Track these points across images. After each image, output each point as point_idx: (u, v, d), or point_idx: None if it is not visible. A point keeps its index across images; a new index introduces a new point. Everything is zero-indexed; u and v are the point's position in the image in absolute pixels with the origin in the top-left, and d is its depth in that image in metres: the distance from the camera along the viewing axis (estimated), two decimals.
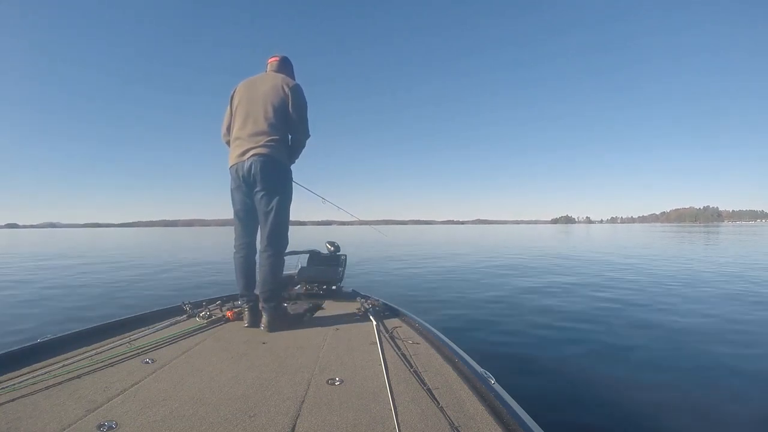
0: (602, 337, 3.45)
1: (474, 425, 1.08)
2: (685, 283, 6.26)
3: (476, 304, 4.84)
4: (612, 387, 2.47)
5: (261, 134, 2.10)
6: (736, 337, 3.41)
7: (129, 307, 4.58)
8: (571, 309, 4.54)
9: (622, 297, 5.21)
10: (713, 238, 21.93)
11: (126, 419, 1.12)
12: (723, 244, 17.09)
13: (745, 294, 5.36)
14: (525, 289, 5.87)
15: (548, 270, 8.22)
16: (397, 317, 2.26)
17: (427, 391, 1.28)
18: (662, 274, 7.42)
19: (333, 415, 1.14)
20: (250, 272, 2.23)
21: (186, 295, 3.73)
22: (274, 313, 2.09)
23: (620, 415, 2.13)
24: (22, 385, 1.31)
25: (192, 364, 1.57)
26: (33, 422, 1.09)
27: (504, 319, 4.11)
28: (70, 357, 1.60)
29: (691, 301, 4.92)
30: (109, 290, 6.16)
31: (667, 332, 3.56)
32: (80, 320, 4.13)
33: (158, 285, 6.71)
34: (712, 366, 2.78)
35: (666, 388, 2.44)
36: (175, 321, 2.17)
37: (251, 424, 1.10)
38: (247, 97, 2.19)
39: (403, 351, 1.68)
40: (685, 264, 9.04)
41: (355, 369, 1.49)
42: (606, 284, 6.27)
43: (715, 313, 4.26)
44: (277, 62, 2.35)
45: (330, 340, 1.87)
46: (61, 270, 9.02)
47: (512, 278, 7.04)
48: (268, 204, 2.12)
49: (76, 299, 5.45)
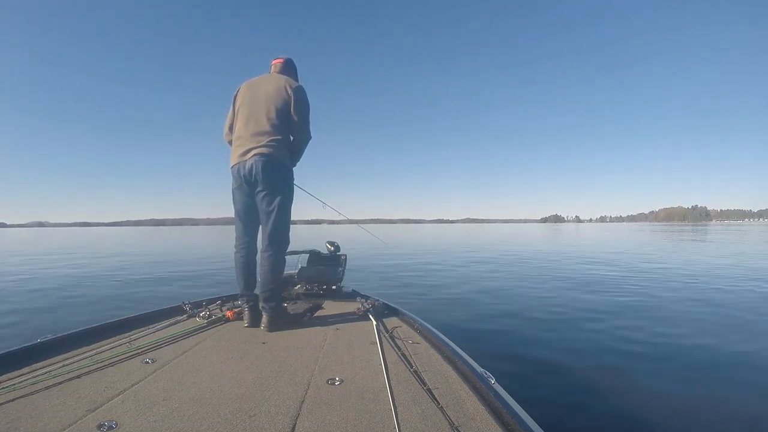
0: (602, 336, 3.45)
1: (474, 425, 1.08)
2: (685, 283, 6.25)
3: (476, 304, 4.84)
4: (612, 387, 2.47)
5: (263, 134, 2.10)
6: (737, 337, 3.41)
7: (127, 309, 4.58)
8: (571, 309, 4.54)
9: (622, 297, 5.20)
10: (707, 237, 21.93)
11: (126, 419, 1.12)
12: (713, 242, 17.10)
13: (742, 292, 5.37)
14: (525, 289, 5.87)
15: (547, 270, 8.21)
16: (397, 317, 2.26)
17: (427, 391, 1.28)
18: (662, 273, 7.41)
19: (333, 415, 1.14)
20: (250, 272, 2.23)
21: (186, 295, 3.73)
22: (274, 313, 2.09)
23: (620, 415, 2.12)
24: (22, 385, 1.31)
25: (192, 364, 1.57)
26: (33, 422, 1.09)
27: (504, 318, 4.11)
28: (70, 357, 1.60)
29: (691, 301, 4.92)
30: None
31: (667, 332, 3.56)
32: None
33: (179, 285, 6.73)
34: (711, 366, 2.78)
35: (666, 388, 2.43)
36: (175, 321, 2.17)
37: (251, 424, 1.10)
38: (250, 97, 2.19)
39: (403, 351, 1.68)
40: (684, 264, 9.03)
41: (355, 369, 1.49)
42: (606, 284, 6.26)
43: (720, 310, 4.27)
44: (281, 64, 2.36)
45: (330, 340, 1.87)
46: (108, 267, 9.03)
47: (512, 278, 7.05)
48: (270, 204, 2.12)
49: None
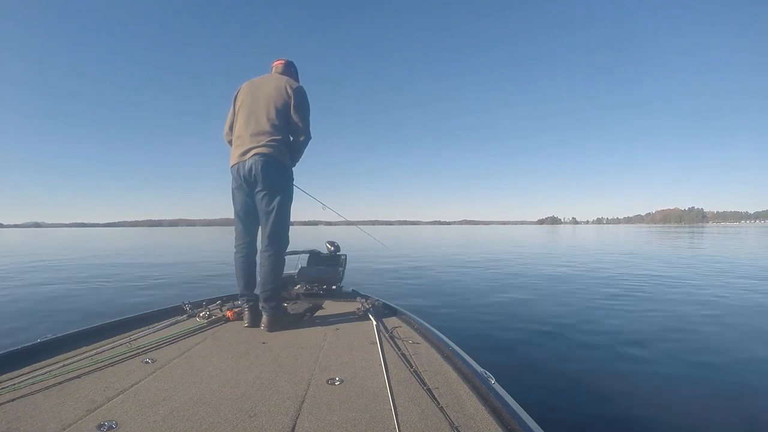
0: (602, 336, 3.45)
1: (474, 425, 1.08)
2: (685, 283, 6.25)
3: (476, 304, 4.84)
4: (612, 386, 2.47)
5: (263, 134, 2.10)
6: (737, 337, 3.41)
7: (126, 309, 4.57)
8: (571, 309, 4.54)
9: (621, 297, 5.20)
10: (705, 238, 21.92)
11: (126, 419, 1.12)
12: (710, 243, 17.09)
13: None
14: (525, 289, 5.87)
15: (548, 269, 8.21)
16: (397, 317, 2.26)
17: (427, 391, 1.28)
18: (661, 272, 7.41)
19: (333, 415, 1.14)
20: (250, 272, 2.23)
21: (186, 295, 3.73)
22: (274, 313, 2.09)
23: (620, 415, 2.12)
24: (22, 385, 1.31)
25: (192, 364, 1.56)
26: (33, 422, 1.09)
27: (504, 318, 4.11)
28: (70, 357, 1.60)
29: (691, 300, 4.92)
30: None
31: (667, 332, 3.56)
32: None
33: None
34: (712, 366, 2.78)
35: (666, 387, 2.44)
36: (175, 321, 2.17)
37: (251, 424, 1.10)
38: (250, 97, 2.19)
39: (403, 351, 1.68)
40: (683, 263, 9.03)
41: (355, 369, 1.49)
42: (606, 284, 6.26)
43: (722, 316, 4.26)
44: (282, 65, 2.37)
45: (330, 340, 1.87)
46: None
47: (512, 278, 7.04)
48: (269, 204, 2.12)
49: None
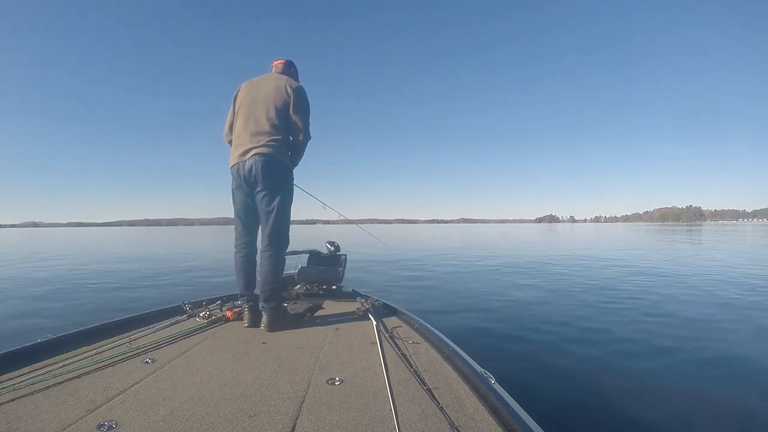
0: (603, 336, 3.44)
1: (474, 425, 1.08)
2: (685, 283, 6.26)
3: (476, 304, 4.84)
4: (613, 386, 2.46)
5: (263, 134, 2.10)
6: (739, 337, 3.41)
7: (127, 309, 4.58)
8: (571, 308, 4.54)
9: (621, 296, 5.20)
10: (704, 238, 21.96)
11: (126, 419, 1.12)
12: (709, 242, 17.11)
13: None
14: (525, 288, 5.87)
15: (547, 269, 8.21)
16: (397, 317, 2.26)
17: (427, 391, 1.28)
18: (660, 272, 7.41)
19: (333, 415, 1.14)
20: (250, 272, 2.23)
21: (186, 295, 3.73)
22: (274, 313, 2.09)
23: (621, 415, 2.12)
24: (22, 385, 1.31)
25: (192, 364, 1.57)
26: (33, 422, 1.09)
27: (504, 318, 4.10)
28: (70, 357, 1.60)
29: (691, 300, 4.92)
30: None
31: (668, 331, 3.56)
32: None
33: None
34: (712, 366, 2.78)
35: (666, 388, 2.43)
36: (175, 321, 2.17)
37: (251, 424, 1.10)
38: (250, 97, 2.19)
39: (403, 351, 1.68)
40: (682, 263, 9.03)
41: (355, 369, 1.49)
42: (605, 284, 6.26)
43: (725, 312, 4.26)
44: (282, 65, 2.37)
45: (330, 340, 1.87)
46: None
47: (512, 278, 7.04)
48: (269, 204, 2.12)
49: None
